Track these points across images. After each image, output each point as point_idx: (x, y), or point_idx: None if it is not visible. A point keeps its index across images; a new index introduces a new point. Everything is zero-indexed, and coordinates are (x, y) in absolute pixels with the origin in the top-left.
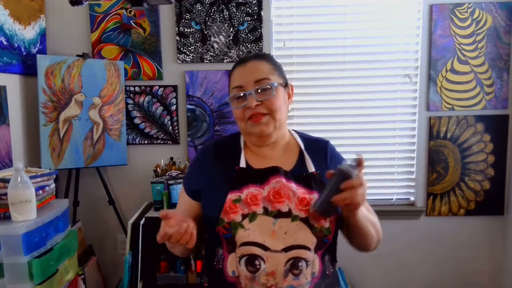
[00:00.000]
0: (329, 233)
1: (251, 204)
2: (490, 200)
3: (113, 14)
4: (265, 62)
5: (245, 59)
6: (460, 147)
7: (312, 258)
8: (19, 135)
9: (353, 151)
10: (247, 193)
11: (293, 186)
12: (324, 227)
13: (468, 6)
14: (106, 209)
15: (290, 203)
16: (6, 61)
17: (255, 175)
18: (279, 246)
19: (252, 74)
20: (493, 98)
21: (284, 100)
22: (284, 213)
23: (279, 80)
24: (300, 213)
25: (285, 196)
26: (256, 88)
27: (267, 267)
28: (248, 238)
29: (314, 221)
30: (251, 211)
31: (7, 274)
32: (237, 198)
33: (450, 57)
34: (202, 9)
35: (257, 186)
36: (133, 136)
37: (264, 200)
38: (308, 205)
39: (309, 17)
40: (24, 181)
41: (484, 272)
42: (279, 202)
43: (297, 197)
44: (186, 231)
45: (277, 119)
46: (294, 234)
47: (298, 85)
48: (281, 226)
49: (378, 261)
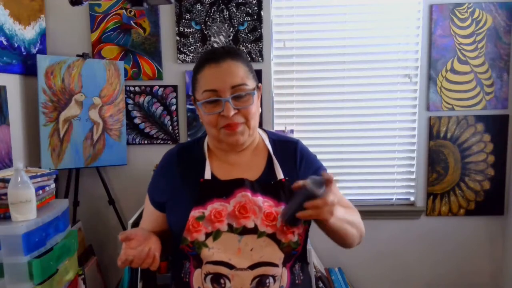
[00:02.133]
0: (298, 245)
1: (215, 221)
2: (490, 200)
3: (113, 14)
4: (241, 63)
5: (219, 57)
6: (460, 147)
7: (280, 272)
8: (19, 135)
9: (353, 151)
10: (211, 209)
11: (259, 200)
12: (292, 241)
13: (468, 6)
14: (106, 209)
15: (256, 219)
16: (6, 61)
17: (220, 188)
18: (245, 264)
19: (228, 78)
20: (493, 98)
21: (258, 104)
22: (249, 229)
23: (254, 84)
24: (267, 228)
25: (251, 211)
26: (233, 95)
27: (233, 286)
28: (213, 257)
29: (282, 236)
30: (215, 229)
31: (7, 274)
32: (200, 216)
33: (450, 57)
34: (202, 9)
35: (222, 200)
36: (133, 136)
37: (229, 216)
38: (275, 220)
39: (309, 17)
40: (24, 181)
41: (484, 272)
42: (244, 218)
43: (263, 212)
44: (148, 255)
45: (252, 127)
46: (261, 251)
47: (298, 85)
48: (246, 243)
49: (378, 261)
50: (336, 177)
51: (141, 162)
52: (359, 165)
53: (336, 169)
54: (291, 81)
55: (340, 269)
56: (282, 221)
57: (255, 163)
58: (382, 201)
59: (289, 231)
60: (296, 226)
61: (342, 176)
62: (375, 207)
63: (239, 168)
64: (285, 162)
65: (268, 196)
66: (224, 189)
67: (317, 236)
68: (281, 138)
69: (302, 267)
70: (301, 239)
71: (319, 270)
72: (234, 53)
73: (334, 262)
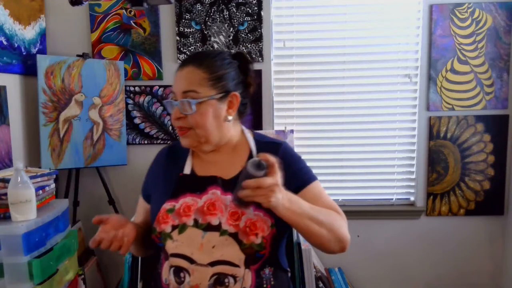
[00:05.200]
0: (262, 248)
1: (182, 215)
2: (490, 200)
3: (113, 14)
4: (201, 70)
5: (185, 61)
6: (460, 147)
7: (242, 273)
8: (19, 135)
9: (353, 151)
10: (182, 203)
11: (227, 198)
12: (254, 243)
13: (468, 6)
14: (106, 209)
15: (222, 217)
16: (6, 61)
17: (195, 184)
18: (205, 260)
19: (182, 83)
20: (493, 98)
21: (216, 114)
22: (213, 227)
23: (210, 92)
24: (230, 227)
25: (218, 208)
26: (181, 100)
27: (191, 280)
28: (176, 249)
29: (243, 237)
30: (182, 222)
31: (7, 274)
32: (171, 208)
33: (450, 57)
34: (202, 9)
35: (195, 196)
36: (133, 136)
37: (197, 212)
38: (239, 220)
39: (309, 17)
40: (24, 181)
41: (484, 272)
42: (211, 215)
43: (228, 211)
44: (115, 238)
45: (201, 136)
46: (222, 249)
47: (298, 85)
48: (209, 239)
49: (378, 261)
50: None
51: (141, 162)
52: (359, 165)
53: (336, 169)
54: (291, 81)
55: (340, 269)
56: (233, 201)
57: (234, 161)
58: (382, 201)
59: (252, 233)
60: (246, 207)
61: (343, 176)
62: (375, 207)
63: (217, 166)
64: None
65: None
66: (199, 185)
67: None
68: (267, 139)
69: (276, 273)
70: (266, 242)
71: (319, 270)
72: (203, 58)
73: (334, 262)
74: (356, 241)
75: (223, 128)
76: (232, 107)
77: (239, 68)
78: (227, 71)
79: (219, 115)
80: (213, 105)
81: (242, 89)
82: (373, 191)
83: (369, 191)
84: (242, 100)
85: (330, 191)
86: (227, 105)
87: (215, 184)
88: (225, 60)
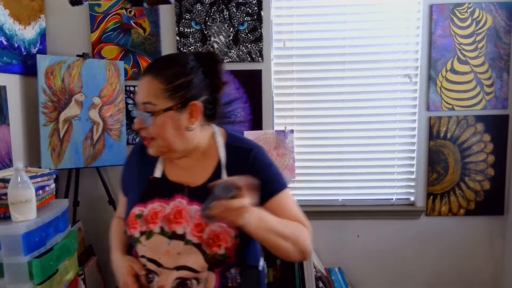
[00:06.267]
0: (226, 258)
1: (150, 222)
2: (490, 200)
3: (113, 14)
4: (158, 81)
5: (146, 71)
6: (460, 147)
7: (205, 276)
8: (19, 135)
9: (353, 151)
10: (150, 209)
11: (193, 208)
12: (217, 253)
13: (468, 6)
14: (106, 209)
15: (187, 226)
16: (6, 61)
17: (163, 189)
18: (171, 264)
19: (140, 94)
20: (493, 98)
21: (175, 125)
22: (178, 235)
23: (167, 104)
24: (194, 238)
25: (184, 218)
26: (139, 112)
27: (159, 281)
28: (145, 253)
29: (207, 248)
30: (148, 229)
31: (7, 274)
32: (139, 214)
33: (450, 57)
34: (202, 9)
35: (163, 201)
36: (133, 136)
37: (164, 219)
38: (203, 231)
39: (309, 17)
40: (24, 181)
41: (484, 272)
42: (177, 223)
43: (193, 222)
44: None
45: (163, 146)
46: (187, 256)
47: (298, 85)
48: (174, 247)
49: (378, 261)
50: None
51: None
52: (359, 165)
53: (336, 169)
54: (291, 81)
55: (340, 269)
56: (200, 215)
57: (204, 168)
58: (382, 201)
59: (215, 244)
60: (213, 222)
61: (343, 176)
62: (375, 207)
63: (187, 171)
64: (236, 169)
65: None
66: (167, 190)
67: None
68: (238, 143)
69: (243, 272)
70: (229, 252)
71: (319, 270)
72: (158, 68)
73: (334, 262)
74: (356, 241)
75: (186, 137)
76: (193, 116)
77: (205, 71)
78: (188, 79)
79: (179, 125)
80: (171, 116)
81: (208, 93)
82: (373, 191)
83: (369, 191)
84: (208, 105)
85: (330, 191)
86: (188, 115)
87: (182, 193)
88: (186, 66)
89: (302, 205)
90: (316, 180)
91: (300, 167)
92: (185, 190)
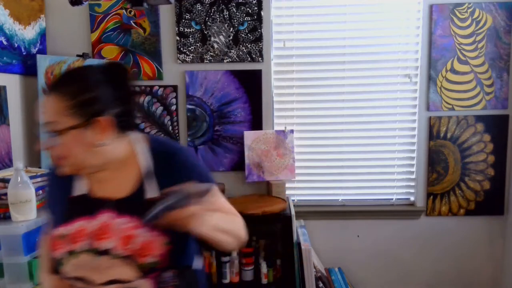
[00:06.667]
0: (158, 264)
1: (75, 240)
2: (490, 200)
3: (113, 14)
4: (61, 98)
5: (49, 88)
6: (460, 147)
7: (139, 284)
8: (19, 135)
9: (353, 151)
10: (74, 228)
11: (120, 222)
12: (149, 262)
13: (468, 6)
14: None
15: (115, 240)
16: (6, 61)
17: (87, 206)
18: (101, 279)
19: (45, 113)
20: (493, 98)
21: (83, 142)
22: (106, 251)
23: (71, 122)
24: (123, 251)
25: (111, 232)
26: (44, 131)
27: None
28: (71, 273)
29: (137, 259)
30: (74, 248)
31: (7, 274)
32: (63, 234)
33: (450, 57)
34: (202, 9)
35: (88, 218)
36: None
37: (90, 236)
38: (132, 243)
39: (309, 17)
40: (24, 181)
41: (484, 272)
42: (104, 239)
43: (121, 235)
44: None
45: (73, 164)
46: (117, 269)
47: (298, 85)
48: (103, 262)
49: (378, 261)
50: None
51: None
52: (359, 165)
53: (336, 169)
54: (291, 81)
55: (340, 269)
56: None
57: (127, 179)
58: (382, 201)
59: (145, 254)
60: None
61: (343, 176)
62: (375, 207)
63: (108, 184)
64: (164, 176)
65: (134, 216)
66: (91, 207)
67: (317, 236)
68: (162, 148)
69: (180, 273)
70: (161, 259)
71: (319, 270)
72: (59, 86)
73: (334, 262)
74: (356, 241)
75: (99, 152)
76: (103, 132)
77: (112, 83)
78: (93, 94)
79: (88, 142)
80: (78, 134)
81: (119, 105)
82: (373, 191)
83: (369, 191)
84: (120, 118)
85: (330, 191)
86: (97, 131)
87: (108, 207)
88: (90, 80)
89: (302, 205)
90: (316, 180)
91: (300, 167)
92: (110, 204)
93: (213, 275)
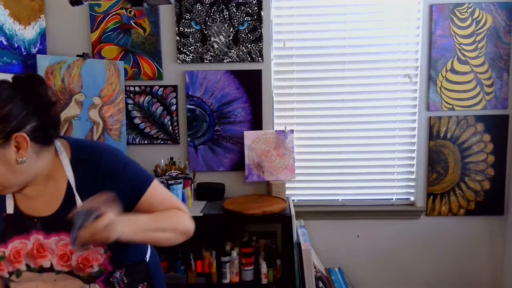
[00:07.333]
0: (103, 271)
1: (14, 261)
2: (490, 200)
3: (113, 14)
4: None
5: None
6: (460, 147)
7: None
8: None
9: (353, 151)
10: (11, 248)
11: (51, 242)
12: (92, 272)
13: (468, 6)
14: None
15: (53, 258)
16: (6, 61)
17: (20, 224)
18: None
19: None
20: (493, 98)
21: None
22: (47, 269)
23: None
24: (63, 268)
25: (47, 251)
26: None
27: None
28: (24, 286)
29: (79, 272)
30: (15, 268)
31: None
32: (1, 256)
33: (450, 57)
34: (202, 9)
35: (23, 237)
36: (133, 136)
37: (27, 256)
38: (69, 259)
39: (309, 17)
40: None
41: (484, 272)
42: (41, 257)
43: (57, 254)
44: None
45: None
46: (64, 281)
47: (298, 85)
48: (48, 277)
49: (378, 261)
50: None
51: (141, 162)
52: (359, 165)
53: (336, 169)
54: (291, 81)
55: (340, 269)
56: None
57: (54, 194)
58: (382, 201)
59: (87, 267)
60: (87, 248)
61: (343, 176)
62: (375, 207)
63: (37, 201)
64: (90, 186)
65: (65, 233)
66: (23, 226)
67: (317, 236)
68: (84, 156)
69: (129, 271)
70: (104, 266)
71: (319, 270)
72: None
73: (334, 262)
74: (356, 241)
75: (20, 170)
76: (21, 148)
77: (25, 97)
78: (4, 111)
79: (7, 161)
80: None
81: (36, 119)
82: (373, 191)
83: (369, 191)
84: (38, 131)
85: (330, 191)
86: (15, 148)
87: (36, 227)
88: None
89: (302, 205)
90: (316, 180)
91: (300, 167)
92: (38, 225)
93: (213, 275)
